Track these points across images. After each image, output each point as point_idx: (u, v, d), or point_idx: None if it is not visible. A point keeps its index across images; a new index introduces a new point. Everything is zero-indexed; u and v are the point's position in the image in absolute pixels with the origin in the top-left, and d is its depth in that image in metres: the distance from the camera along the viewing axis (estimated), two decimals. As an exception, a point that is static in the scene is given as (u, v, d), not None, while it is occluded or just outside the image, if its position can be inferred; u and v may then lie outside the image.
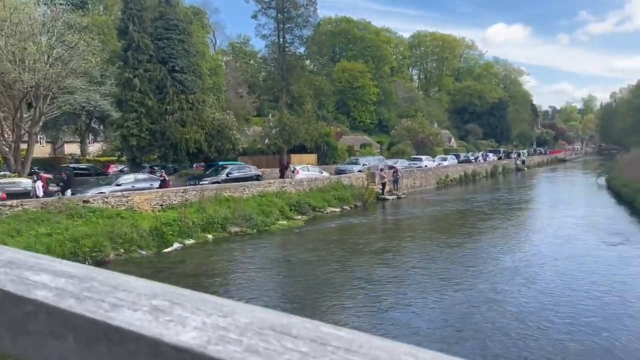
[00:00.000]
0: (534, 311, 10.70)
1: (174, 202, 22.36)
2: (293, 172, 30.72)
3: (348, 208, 29.53)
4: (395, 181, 34.92)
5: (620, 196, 29.46)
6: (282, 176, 30.46)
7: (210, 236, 20.67)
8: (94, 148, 51.40)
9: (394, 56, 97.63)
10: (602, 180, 42.13)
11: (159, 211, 21.16)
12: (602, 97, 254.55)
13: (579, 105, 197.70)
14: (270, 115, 56.63)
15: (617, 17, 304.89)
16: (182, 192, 23.18)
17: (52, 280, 0.64)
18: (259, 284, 13.53)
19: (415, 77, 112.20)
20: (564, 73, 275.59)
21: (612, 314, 10.68)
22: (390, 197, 33.77)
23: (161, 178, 25.21)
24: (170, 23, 31.01)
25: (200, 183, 26.86)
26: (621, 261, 15.12)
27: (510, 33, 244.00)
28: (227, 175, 28.77)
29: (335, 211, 28.33)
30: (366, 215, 28.01)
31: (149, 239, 18.39)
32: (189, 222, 20.41)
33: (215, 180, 27.78)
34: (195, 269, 15.59)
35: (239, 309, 0.54)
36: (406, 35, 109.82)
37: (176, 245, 18.94)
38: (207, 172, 30.01)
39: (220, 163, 31.80)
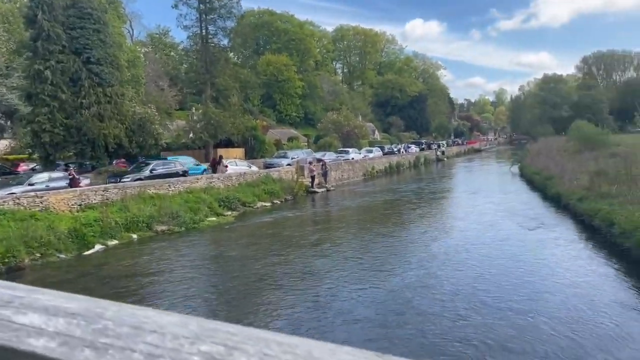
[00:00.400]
0: (467, 294, 11.04)
1: (93, 202, 21.03)
2: (226, 167, 30.01)
3: (279, 202, 29.27)
4: (324, 174, 35.10)
5: (532, 183, 31.34)
6: (213, 171, 29.63)
7: (135, 236, 19.66)
8: (0, 145, 47.42)
9: (318, 50, 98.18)
10: (515, 169, 44.69)
11: (77, 211, 19.81)
12: (512, 90, 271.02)
13: (492, 98, 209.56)
14: (193, 108, 55.07)
15: (523, 15, 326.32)
16: (103, 191, 21.86)
17: (47, 322, 0.45)
18: (191, 284, 12.99)
19: (339, 71, 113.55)
20: (476, 67, 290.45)
21: (536, 292, 11.25)
22: (319, 190, 33.90)
23: (70, 176, 23.66)
24: (84, 12, 29.04)
25: (122, 180, 25.51)
26: (539, 244, 16.00)
27: (427, 29, 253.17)
28: (150, 171, 27.51)
29: (265, 205, 27.98)
30: (297, 208, 27.90)
31: (68, 241, 17.16)
32: (112, 222, 19.30)
33: (138, 177, 26.49)
34: (121, 270, 14.72)
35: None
36: (329, 29, 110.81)
37: (98, 246, 17.83)
38: (129, 169, 28.54)
39: (161, 158, 30.42)
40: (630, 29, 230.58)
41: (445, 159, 72.57)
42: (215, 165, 30.14)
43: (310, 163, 37.04)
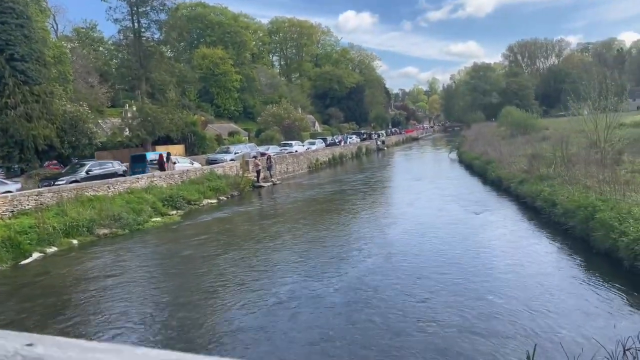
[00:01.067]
0: (427, 275, 11.20)
1: (26, 207, 19.68)
2: (174, 163, 29.17)
3: (225, 198, 28.65)
4: (269, 168, 34.72)
5: (472, 168, 32.41)
6: (161, 169, 28.70)
7: (75, 241, 18.59)
8: None
9: (254, 42, 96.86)
10: (453, 155, 46.18)
11: (9, 218, 18.45)
12: (444, 79, 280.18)
13: (425, 87, 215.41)
14: (127, 105, 52.84)
15: (451, 5, 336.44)
16: (37, 195, 20.49)
17: None
18: (141, 289, 12.40)
19: (276, 64, 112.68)
20: (409, 58, 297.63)
21: (488, 270, 11.61)
22: (265, 184, 33.51)
23: None
24: (5, 5, 26.93)
25: (57, 183, 24.05)
26: (488, 226, 16.55)
27: (360, 20, 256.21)
28: (86, 172, 26.12)
29: (212, 203, 27.30)
30: (244, 204, 27.42)
31: (2, 250, 15.92)
32: (49, 228, 18.13)
33: (74, 179, 25.06)
34: (63, 279, 13.84)
35: None
36: (264, 21, 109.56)
37: (36, 255, 16.69)
38: (63, 171, 26.94)
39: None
40: (549, 18, 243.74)
41: (385, 148, 73.85)
42: (163, 162, 29.20)
43: (254, 157, 36.54)
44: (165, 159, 29.31)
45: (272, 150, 41.69)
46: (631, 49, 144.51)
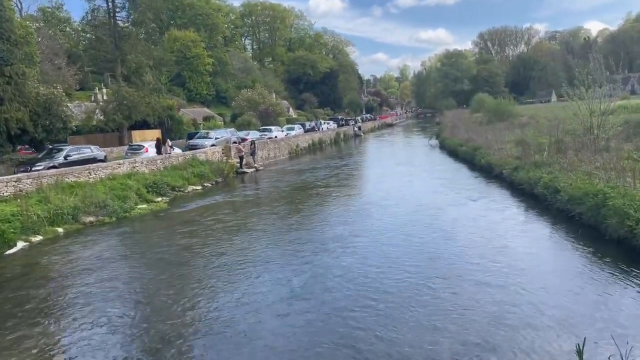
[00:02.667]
0: (443, 258, 10.99)
1: (5, 194, 18.70)
2: (172, 147, 29.03)
3: (209, 185, 27.95)
4: (253, 153, 34.05)
5: (457, 155, 32.48)
6: (158, 152, 28.58)
7: (60, 230, 17.73)
8: None
9: (226, 25, 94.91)
10: (434, 142, 46.43)
11: (-12, 207, 17.45)
12: (414, 65, 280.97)
13: (396, 74, 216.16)
14: (97, 88, 50.90)
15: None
16: (15, 181, 19.47)
17: None
18: (137, 279, 11.86)
19: (249, 48, 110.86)
20: (379, 44, 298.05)
21: (502, 258, 11.55)
22: (249, 170, 32.87)
23: None
24: (-30, -20, 25.29)
25: (34, 169, 22.94)
26: (489, 212, 16.46)
27: (330, 4, 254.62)
28: (65, 158, 25.03)
29: (197, 189, 26.59)
30: (230, 191, 26.77)
31: (-16, 241, 15.06)
32: (33, 216, 17.23)
33: (52, 164, 23.97)
34: (57, 270, 13.11)
35: None
36: (236, 3, 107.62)
37: (21, 244, 15.84)
38: (40, 156, 25.69)
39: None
40: (517, 6, 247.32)
41: (362, 134, 73.74)
42: (160, 145, 28.81)
43: (235, 142, 35.80)
44: (163, 143, 29.00)
45: (252, 135, 40.92)
46: (597, 37, 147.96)
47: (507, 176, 20.31)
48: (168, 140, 29.22)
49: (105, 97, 50.16)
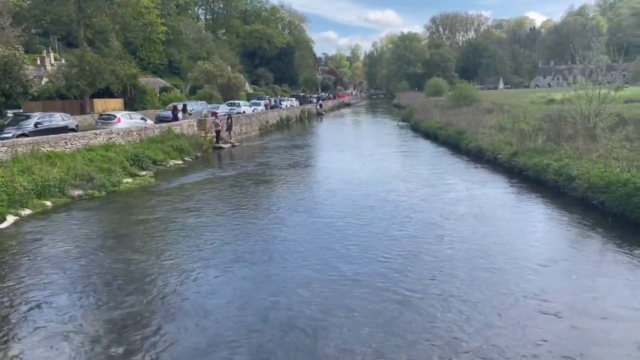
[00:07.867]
0: (421, 243, 10.89)
1: (-21, 163, 17.04)
2: (190, 114, 29.33)
3: (189, 159, 26.77)
4: (229, 128, 32.87)
5: (436, 138, 32.63)
6: (175, 119, 29.81)
7: (48, 203, 16.35)
8: None
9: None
10: (402, 123, 46.88)
11: (-36, 177, 15.79)
12: (364, 46, 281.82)
13: (347, 53, 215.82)
14: (44, 52, 47.33)
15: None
16: (-10, 149, 17.78)
17: None
18: (168, 258, 11.07)
19: (202, 18, 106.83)
20: (329, 22, 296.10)
21: (473, 231, 11.79)
22: (225, 146, 31.74)
23: None
24: None
25: (3, 135, 21.06)
26: (502, 198, 16.52)
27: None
28: (35, 125, 23.14)
29: (178, 164, 25.40)
30: (214, 166, 25.72)
31: (-28, 215, 13.59)
32: (19, 188, 15.76)
33: (22, 132, 22.11)
34: (61, 247, 11.95)
35: None
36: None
37: (11, 218, 14.43)
38: (6, 122, 23.53)
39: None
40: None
41: (324, 112, 73.22)
42: (176, 113, 29.94)
43: (205, 116, 34.42)
44: (182, 110, 30.72)
45: (222, 109, 39.47)
46: (541, 28, 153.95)
47: (505, 161, 20.50)
48: (185, 105, 30.32)
49: (52, 62, 46.80)
